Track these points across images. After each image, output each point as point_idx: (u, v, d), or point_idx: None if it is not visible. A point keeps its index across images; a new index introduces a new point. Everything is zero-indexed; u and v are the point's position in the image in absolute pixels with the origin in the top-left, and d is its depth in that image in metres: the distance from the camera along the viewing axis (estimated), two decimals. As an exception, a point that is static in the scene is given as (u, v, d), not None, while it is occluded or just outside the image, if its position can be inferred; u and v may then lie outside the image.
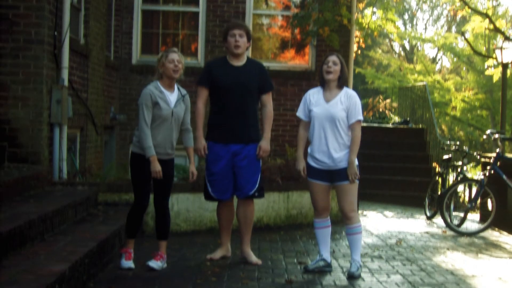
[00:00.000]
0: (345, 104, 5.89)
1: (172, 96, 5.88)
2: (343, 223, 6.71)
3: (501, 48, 15.03)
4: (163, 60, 5.84)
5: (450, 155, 11.38)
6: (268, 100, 6.35)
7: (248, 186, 6.22)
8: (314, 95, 6.04)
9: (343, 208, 5.98)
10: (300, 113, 6.11)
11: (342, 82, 5.97)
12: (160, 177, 5.73)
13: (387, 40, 37.69)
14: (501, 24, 22.77)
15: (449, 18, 38.29)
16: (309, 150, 6.04)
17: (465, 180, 10.39)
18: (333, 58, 5.97)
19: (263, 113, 6.36)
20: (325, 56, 6.12)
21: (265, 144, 6.27)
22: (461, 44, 31.34)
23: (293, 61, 11.99)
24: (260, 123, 6.38)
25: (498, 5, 27.76)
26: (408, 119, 17.77)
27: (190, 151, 6.08)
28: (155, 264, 5.86)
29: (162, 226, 6.00)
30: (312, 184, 6.04)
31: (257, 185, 6.26)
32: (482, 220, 9.98)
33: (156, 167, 5.70)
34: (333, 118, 5.86)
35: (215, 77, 6.21)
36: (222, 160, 6.18)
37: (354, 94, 5.98)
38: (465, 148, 11.04)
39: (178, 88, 6.00)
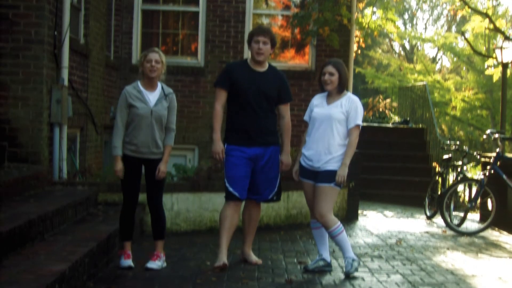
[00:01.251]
0: (345, 108, 5.89)
1: (152, 95, 5.88)
2: (342, 222, 6.70)
3: (501, 48, 15.02)
4: (142, 60, 5.89)
5: (450, 155, 11.37)
6: (286, 111, 6.29)
7: (267, 191, 6.20)
8: (318, 99, 6.09)
9: (315, 210, 5.92)
10: (306, 117, 6.15)
11: (341, 88, 5.98)
12: (121, 176, 5.83)
13: (387, 40, 37.69)
14: (501, 23, 22.75)
15: (449, 18, 38.30)
16: (302, 149, 6.06)
17: (465, 180, 10.38)
18: (329, 69, 5.95)
19: (281, 125, 6.29)
20: (322, 65, 6.11)
21: (285, 158, 6.21)
22: (461, 44, 31.35)
23: (293, 60, 11.99)
24: (279, 134, 6.30)
25: (498, 4, 27.76)
26: (408, 119, 17.76)
27: (167, 149, 5.94)
28: (153, 264, 5.87)
29: (157, 226, 5.99)
30: (303, 183, 6.08)
31: (276, 189, 6.23)
32: (482, 220, 9.98)
33: (117, 166, 5.81)
34: (330, 118, 5.86)
35: (235, 80, 6.11)
36: (242, 161, 6.06)
37: (356, 99, 5.99)
38: (465, 148, 11.04)
39: (162, 88, 5.97)
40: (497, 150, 9.29)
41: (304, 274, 5.96)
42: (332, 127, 5.85)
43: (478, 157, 10.82)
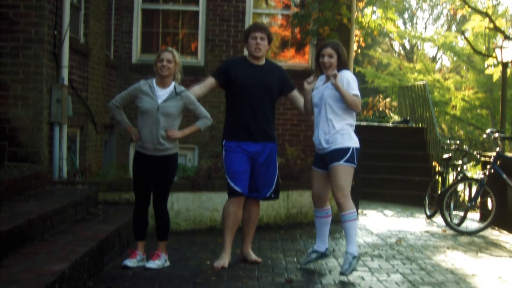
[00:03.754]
0: None
1: (163, 92, 5.90)
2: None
3: (501, 47, 15.03)
4: (155, 59, 5.95)
5: (450, 154, 11.38)
6: (297, 95, 6.40)
7: (265, 189, 6.21)
8: (318, 82, 6.01)
9: (333, 192, 5.89)
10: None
11: (340, 68, 5.85)
12: (137, 138, 5.84)
13: (387, 39, 37.69)
14: (501, 23, 22.74)
15: (449, 17, 38.31)
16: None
17: (465, 179, 10.39)
18: (328, 51, 5.85)
19: (299, 106, 6.39)
20: (320, 47, 6.02)
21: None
22: (461, 43, 31.38)
23: (293, 60, 11.98)
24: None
25: (498, 4, 27.76)
26: (408, 118, 17.77)
27: (193, 127, 6.01)
28: (153, 264, 5.86)
29: (159, 227, 5.99)
30: (312, 171, 6.12)
31: (273, 187, 6.25)
32: (482, 219, 9.98)
33: (131, 131, 5.93)
34: (322, 98, 5.82)
35: (234, 74, 6.14)
36: (241, 156, 6.07)
37: (346, 73, 5.82)
38: (465, 147, 11.05)
39: (175, 87, 5.97)
40: (497, 149, 9.29)
41: (304, 273, 5.96)
42: (326, 107, 5.78)
43: (478, 156, 10.82)
